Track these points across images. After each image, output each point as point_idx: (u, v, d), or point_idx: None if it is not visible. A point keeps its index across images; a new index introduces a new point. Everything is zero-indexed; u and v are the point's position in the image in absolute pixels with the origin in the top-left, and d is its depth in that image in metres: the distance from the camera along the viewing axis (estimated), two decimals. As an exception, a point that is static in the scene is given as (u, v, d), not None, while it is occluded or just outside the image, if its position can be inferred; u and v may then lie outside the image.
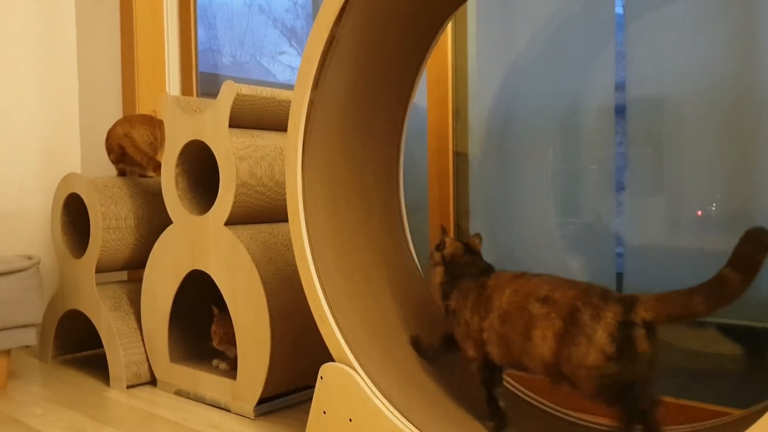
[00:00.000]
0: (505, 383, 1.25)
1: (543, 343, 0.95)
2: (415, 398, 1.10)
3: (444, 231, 1.22)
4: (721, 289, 0.85)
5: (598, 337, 0.90)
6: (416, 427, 1.01)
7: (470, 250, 1.17)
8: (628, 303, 0.90)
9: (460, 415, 1.11)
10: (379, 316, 1.23)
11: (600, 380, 0.90)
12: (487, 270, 1.14)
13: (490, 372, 1.09)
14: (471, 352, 1.09)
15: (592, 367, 0.90)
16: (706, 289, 0.86)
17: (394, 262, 1.34)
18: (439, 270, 1.17)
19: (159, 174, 1.67)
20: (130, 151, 1.71)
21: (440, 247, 1.19)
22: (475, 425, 1.09)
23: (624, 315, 0.89)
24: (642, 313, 0.89)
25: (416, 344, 1.22)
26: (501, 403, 1.09)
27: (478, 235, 1.21)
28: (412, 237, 1.41)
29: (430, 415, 1.06)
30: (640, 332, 0.89)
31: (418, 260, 1.41)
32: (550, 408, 1.22)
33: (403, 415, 1.03)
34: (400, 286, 1.31)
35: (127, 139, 1.72)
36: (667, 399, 1.29)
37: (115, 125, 1.77)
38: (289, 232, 1.15)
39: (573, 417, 1.18)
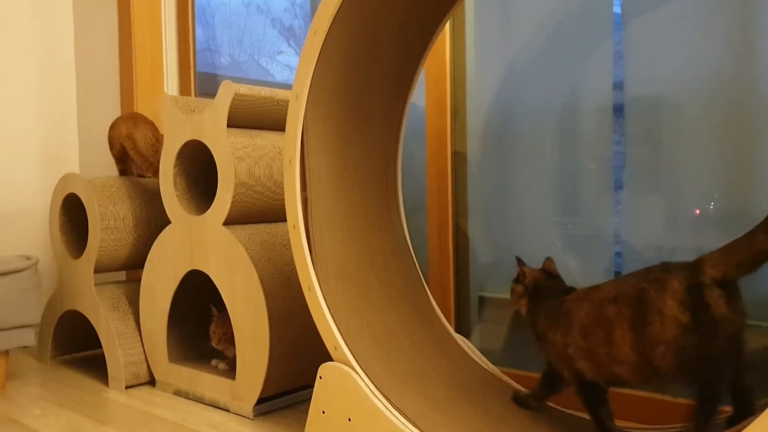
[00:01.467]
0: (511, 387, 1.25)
1: (623, 342, 0.91)
2: (414, 397, 1.10)
3: (519, 261, 1.17)
4: None
5: (669, 308, 0.84)
6: (415, 427, 1.01)
7: (550, 275, 1.14)
8: (693, 266, 0.85)
9: (460, 415, 1.11)
10: (377, 315, 1.23)
11: (678, 354, 0.83)
12: (569, 291, 1.09)
13: (590, 391, 1.01)
14: (565, 372, 1.04)
15: (671, 341, 0.84)
16: (766, 225, 0.81)
17: (392, 262, 1.34)
18: (524, 302, 1.13)
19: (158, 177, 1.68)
20: (131, 153, 1.71)
21: (520, 279, 1.15)
22: (475, 424, 1.09)
23: (691, 278, 0.84)
24: (710, 271, 0.83)
25: (519, 400, 1.16)
26: (609, 422, 1.01)
27: (550, 259, 1.16)
28: (410, 236, 1.41)
29: (429, 414, 1.06)
30: (714, 292, 0.83)
31: (417, 259, 1.41)
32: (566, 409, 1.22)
33: (402, 415, 1.03)
34: (398, 286, 1.31)
35: (129, 141, 1.71)
36: (666, 398, 1.29)
37: (119, 121, 1.77)
38: (288, 232, 1.15)
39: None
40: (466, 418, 1.09)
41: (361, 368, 1.08)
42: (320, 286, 1.12)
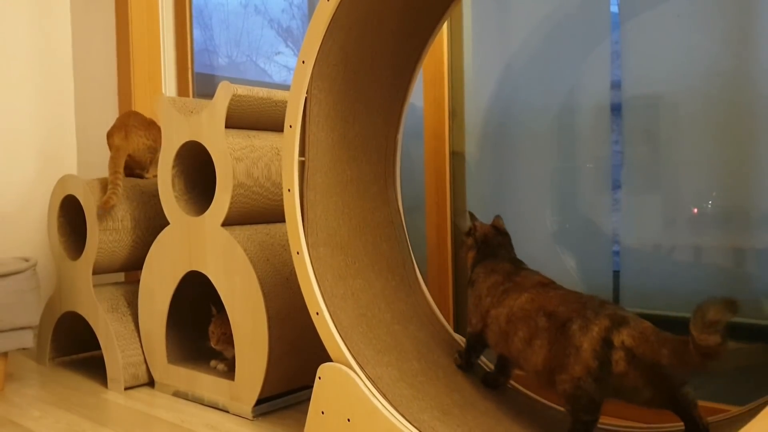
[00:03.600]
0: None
1: (540, 352, 1.00)
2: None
3: (471, 216, 1.26)
4: (685, 352, 0.83)
5: (584, 351, 0.92)
6: (414, 427, 1.01)
7: (499, 231, 1.23)
8: (617, 321, 0.91)
9: (459, 414, 1.11)
10: (376, 315, 1.23)
11: (575, 390, 0.93)
12: (516, 260, 1.19)
13: (478, 345, 1.18)
14: (474, 320, 1.16)
15: (575, 377, 0.93)
16: (674, 345, 0.85)
17: (391, 262, 1.34)
18: (472, 254, 1.22)
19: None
20: (110, 161, 1.71)
21: (471, 232, 1.24)
22: (474, 423, 1.09)
23: (608, 332, 0.91)
24: (626, 339, 0.90)
25: (485, 380, 1.25)
26: (473, 361, 1.21)
27: (499, 217, 1.26)
28: (409, 236, 1.41)
29: (428, 413, 1.06)
30: (618, 354, 0.90)
31: (416, 259, 1.41)
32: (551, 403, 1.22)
33: (402, 415, 1.03)
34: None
35: (116, 152, 1.71)
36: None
37: (113, 131, 1.75)
38: (286, 232, 1.15)
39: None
40: (465, 416, 1.09)
41: (361, 368, 1.08)
42: (309, 252, 1.13)
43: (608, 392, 0.93)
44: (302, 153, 1.15)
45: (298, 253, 1.14)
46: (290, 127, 1.14)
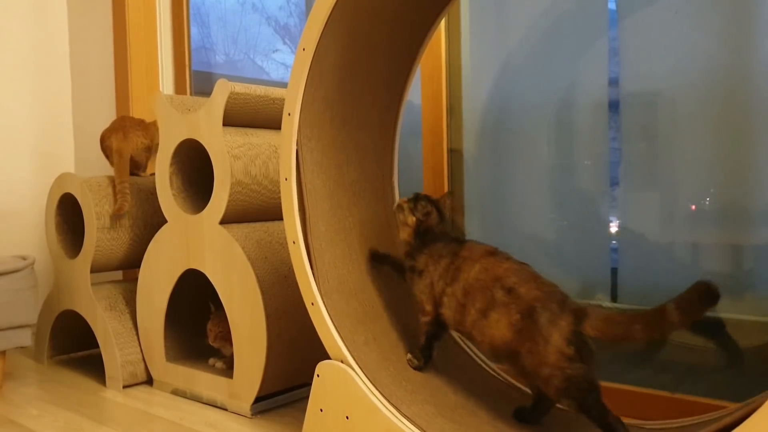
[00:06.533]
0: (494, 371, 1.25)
1: (496, 326, 1.02)
2: (411, 395, 1.10)
3: (421, 198, 1.20)
4: (661, 322, 0.90)
5: (554, 340, 0.96)
6: (413, 424, 1.01)
7: (441, 214, 1.20)
8: (580, 317, 0.96)
9: (457, 411, 1.11)
10: (374, 313, 1.23)
11: (566, 381, 0.95)
12: (458, 239, 1.18)
13: (438, 329, 1.16)
14: (428, 307, 1.14)
15: (554, 366, 0.96)
16: (648, 319, 0.92)
17: (394, 273, 1.33)
18: (408, 230, 1.19)
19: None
20: (114, 166, 1.71)
21: (414, 210, 1.19)
22: (472, 421, 1.09)
23: (576, 325, 0.96)
24: (588, 329, 0.95)
25: (374, 255, 1.28)
26: (434, 353, 1.17)
27: (449, 194, 1.24)
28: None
29: (426, 411, 1.07)
30: (587, 339, 0.97)
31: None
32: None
33: (400, 412, 1.03)
34: (395, 284, 1.31)
35: (116, 155, 1.71)
36: (663, 393, 1.29)
37: (108, 133, 1.75)
38: (284, 230, 1.15)
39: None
40: (464, 414, 1.09)
41: (359, 366, 1.08)
42: (323, 301, 1.12)
43: (593, 365, 0.97)
44: (301, 204, 1.15)
45: (312, 304, 1.12)
46: (288, 114, 1.14)
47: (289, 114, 1.13)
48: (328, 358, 1.11)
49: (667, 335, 0.92)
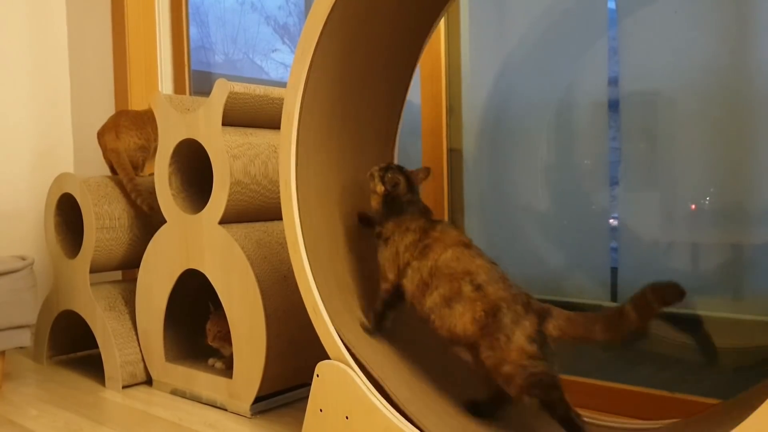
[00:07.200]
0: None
1: (459, 318, 1.04)
2: (411, 394, 1.10)
3: (392, 169, 1.19)
4: (619, 322, 0.95)
5: (517, 338, 0.99)
6: (413, 424, 1.01)
7: (411, 187, 1.20)
8: (544, 317, 1.00)
9: (457, 411, 1.11)
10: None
11: (527, 379, 0.98)
12: (425, 211, 1.18)
13: (396, 298, 1.16)
14: (390, 275, 1.15)
15: (516, 363, 0.98)
16: (607, 319, 0.96)
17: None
18: (377, 198, 1.19)
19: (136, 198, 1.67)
20: (115, 166, 1.72)
21: (384, 179, 1.18)
22: (471, 419, 1.09)
23: (539, 326, 1.00)
24: (551, 331, 0.99)
25: (362, 218, 1.28)
26: (388, 323, 1.18)
27: (426, 170, 1.23)
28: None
29: (426, 410, 1.06)
30: (549, 339, 1.00)
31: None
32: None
33: (400, 412, 1.03)
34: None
35: (113, 154, 1.71)
36: (662, 393, 1.29)
37: (103, 130, 1.75)
38: (284, 230, 1.15)
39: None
40: (463, 413, 1.09)
41: (359, 366, 1.08)
42: (323, 301, 1.12)
43: (555, 363, 1.00)
44: (300, 205, 1.15)
45: (312, 304, 1.12)
46: (288, 114, 1.13)
47: (289, 114, 1.13)
48: (328, 358, 1.11)
49: (625, 336, 0.95)
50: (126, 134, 1.73)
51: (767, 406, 0.74)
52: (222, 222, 1.41)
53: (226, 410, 1.43)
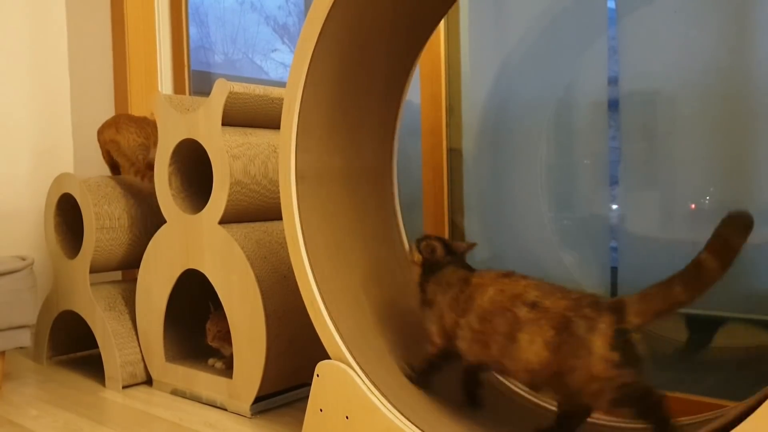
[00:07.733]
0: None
1: (529, 347, 0.93)
2: (411, 394, 1.10)
3: (424, 237, 1.17)
4: (699, 275, 0.84)
5: (598, 348, 0.88)
6: (413, 424, 1.01)
7: (450, 250, 1.13)
8: (617, 309, 0.89)
9: (457, 411, 1.11)
10: (374, 313, 1.23)
11: (617, 391, 0.88)
12: (466, 266, 1.12)
13: (442, 362, 1.10)
14: (437, 339, 1.09)
15: (604, 378, 0.88)
16: (685, 277, 0.85)
17: (388, 260, 1.34)
18: (417, 269, 1.15)
19: (142, 179, 1.67)
20: (116, 157, 1.72)
21: (420, 248, 1.15)
22: (471, 420, 1.09)
23: (618, 323, 0.88)
24: (633, 320, 0.88)
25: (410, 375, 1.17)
26: (430, 382, 1.13)
27: (470, 245, 1.17)
28: (406, 234, 1.41)
29: (426, 411, 1.06)
30: (636, 337, 0.88)
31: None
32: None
33: (400, 412, 1.03)
34: (394, 284, 1.31)
35: (113, 144, 1.71)
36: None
37: (103, 127, 1.76)
38: (284, 230, 1.15)
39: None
40: (463, 414, 1.09)
41: (359, 366, 1.07)
42: (323, 301, 1.12)
43: (643, 368, 0.89)
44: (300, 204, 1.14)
45: (312, 303, 1.12)
46: (288, 114, 1.13)
47: (288, 113, 1.13)
48: (328, 358, 1.11)
49: (709, 287, 0.83)
50: (126, 130, 1.73)
51: (767, 407, 0.74)
52: (222, 222, 1.41)
53: (226, 410, 1.43)
